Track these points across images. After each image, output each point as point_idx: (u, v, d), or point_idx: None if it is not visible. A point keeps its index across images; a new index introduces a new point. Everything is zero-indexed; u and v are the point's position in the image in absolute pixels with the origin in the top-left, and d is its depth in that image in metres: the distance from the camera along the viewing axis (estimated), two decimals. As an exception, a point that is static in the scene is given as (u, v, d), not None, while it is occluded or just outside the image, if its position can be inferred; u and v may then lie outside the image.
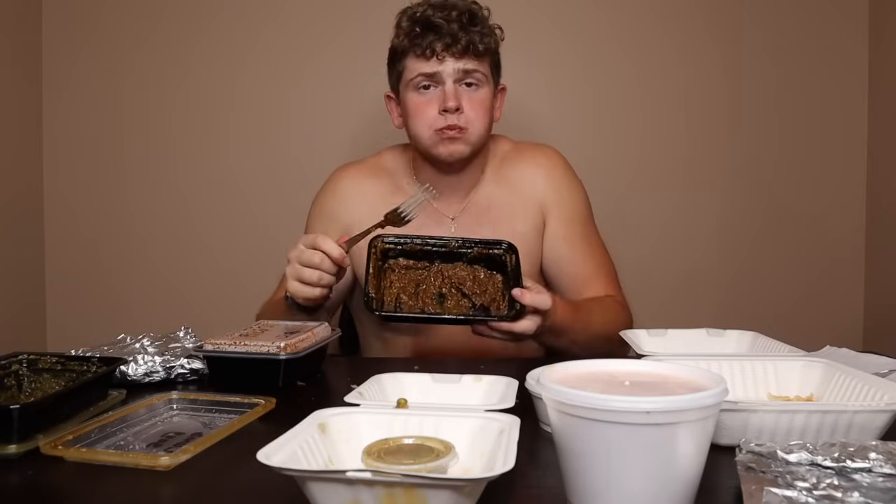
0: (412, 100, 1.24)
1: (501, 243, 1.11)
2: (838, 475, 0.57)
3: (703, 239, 2.01)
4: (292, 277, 1.08)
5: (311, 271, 1.06)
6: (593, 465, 0.53)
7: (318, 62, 2.00)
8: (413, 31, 1.21)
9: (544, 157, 1.38)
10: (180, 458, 0.67)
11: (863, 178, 2.00)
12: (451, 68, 1.21)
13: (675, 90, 1.99)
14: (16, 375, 0.89)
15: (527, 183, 1.34)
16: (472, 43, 1.20)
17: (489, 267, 1.11)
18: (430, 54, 1.20)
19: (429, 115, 1.23)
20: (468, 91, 1.23)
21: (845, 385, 0.77)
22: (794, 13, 1.98)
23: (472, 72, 1.22)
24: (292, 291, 1.10)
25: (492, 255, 1.11)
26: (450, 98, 1.20)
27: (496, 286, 1.09)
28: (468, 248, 1.11)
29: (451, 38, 1.19)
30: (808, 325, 1.96)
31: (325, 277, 1.07)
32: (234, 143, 2.02)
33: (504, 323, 1.01)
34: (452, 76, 1.21)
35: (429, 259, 1.11)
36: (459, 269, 1.11)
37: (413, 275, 1.11)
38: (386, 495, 0.51)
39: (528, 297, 1.01)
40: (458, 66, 1.21)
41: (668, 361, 0.65)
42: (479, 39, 1.21)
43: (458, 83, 1.22)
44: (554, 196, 1.34)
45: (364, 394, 0.77)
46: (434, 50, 1.19)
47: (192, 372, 1.01)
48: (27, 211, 1.98)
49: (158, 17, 2.01)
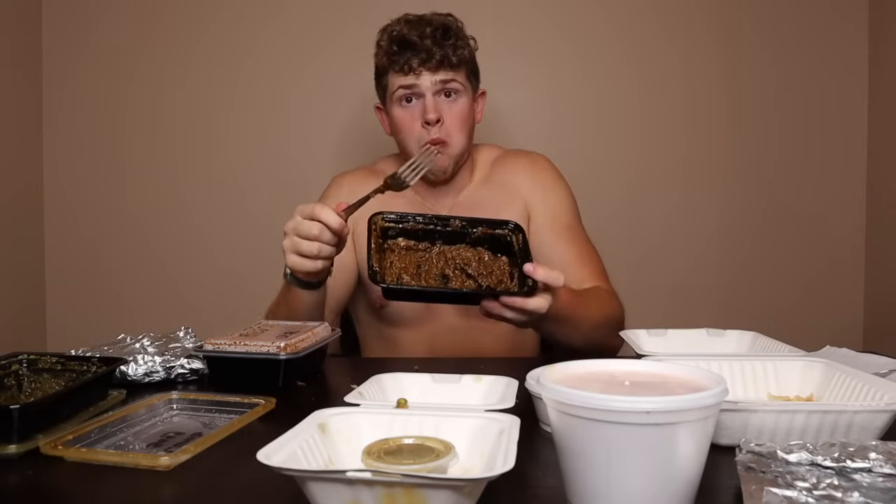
0: (397, 114, 1.31)
1: (508, 223, 1.06)
2: (838, 475, 0.57)
3: (702, 239, 2.01)
4: (290, 251, 1.03)
5: (310, 243, 1.01)
6: (593, 465, 0.53)
7: (318, 63, 2.00)
8: (391, 50, 1.28)
9: (530, 161, 1.43)
10: (180, 458, 0.67)
11: (863, 178, 2.00)
12: (428, 81, 1.27)
13: (674, 90, 1.99)
14: (16, 375, 0.89)
15: (512, 183, 1.39)
16: (445, 56, 1.26)
17: (493, 250, 1.06)
18: (407, 70, 1.27)
19: (413, 129, 1.29)
20: (447, 102, 1.29)
21: (845, 385, 0.76)
22: (794, 14, 1.98)
23: (448, 82, 1.28)
24: (291, 265, 1.05)
25: (496, 236, 1.06)
26: (430, 110, 1.26)
27: (502, 268, 1.04)
28: (473, 229, 1.06)
29: (426, 53, 1.26)
30: (808, 325, 1.97)
31: (325, 249, 1.02)
32: (233, 143, 2.02)
33: (517, 298, 0.96)
34: (431, 89, 1.27)
35: (430, 240, 1.06)
36: (463, 251, 1.06)
37: (414, 256, 1.05)
38: (386, 495, 0.51)
39: (542, 273, 0.96)
40: (434, 78, 1.27)
41: (668, 361, 0.65)
42: (452, 52, 1.27)
43: (437, 95, 1.28)
44: (539, 194, 1.38)
45: (364, 394, 0.77)
46: (411, 66, 1.26)
47: (192, 372, 1.01)
48: (27, 211, 1.98)
49: (158, 18, 2.01)
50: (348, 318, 1.51)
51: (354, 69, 1.98)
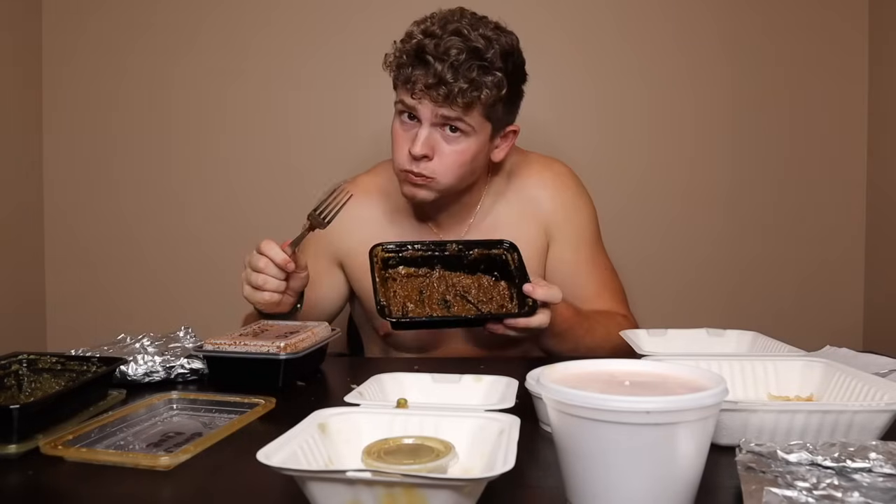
0: (395, 125, 1.16)
1: (503, 243, 1.10)
2: (838, 475, 0.57)
3: (704, 239, 2.01)
4: (244, 281, 1.08)
5: (257, 275, 1.06)
6: (593, 466, 0.53)
7: (315, 64, 2.00)
8: (402, 60, 1.10)
9: (552, 175, 1.30)
10: (180, 458, 0.67)
11: (863, 178, 2.00)
12: (428, 111, 1.10)
13: (679, 92, 1.99)
14: (16, 375, 0.89)
15: (532, 203, 1.28)
16: (453, 93, 1.06)
17: (491, 271, 1.09)
18: (410, 88, 1.10)
19: (402, 150, 1.13)
20: (447, 137, 1.12)
21: (845, 385, 0.76)
22: (795, 15, 1.98)
23: (453, 119, 1.10)
24: (245, 295, 1.10)
25: (492, 256, 1.09)
26: (418, 145, 1.10)
27: (502, 293, 1.08)
28: (469, 251, 1.10)
29: (434, 78, 1.06)
30: (808, 325, 1.97)
31: (271, 282, 1.06)
32: (232, 145, 2.02)
33: (521, 319, 1.00)
34: (430, 119, 1.10)
35: (429, 265, 1.10)
36: (463, 278, 1.09)
37: (415, 282, 1.09)
38: (386, 495, 0.51)
39: (541, 292, 1.00)
40: (436, 111, 1.09)
41: (668, 361, 0.65)
42: (468, 90, 1.06)
43: (436, 127, 1.11)
44: (560, 217, 1.28)
45: (364, 394, 0.77)
46: (415, 85, 1.09)
47: (192, 372, 1.01)
48: (27, 211, 1.98)
49: (158, 19, 2.01)
50: (352, 323, 1.51)
51: (352, 71, 1.99)
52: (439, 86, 1.06)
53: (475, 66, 1.07)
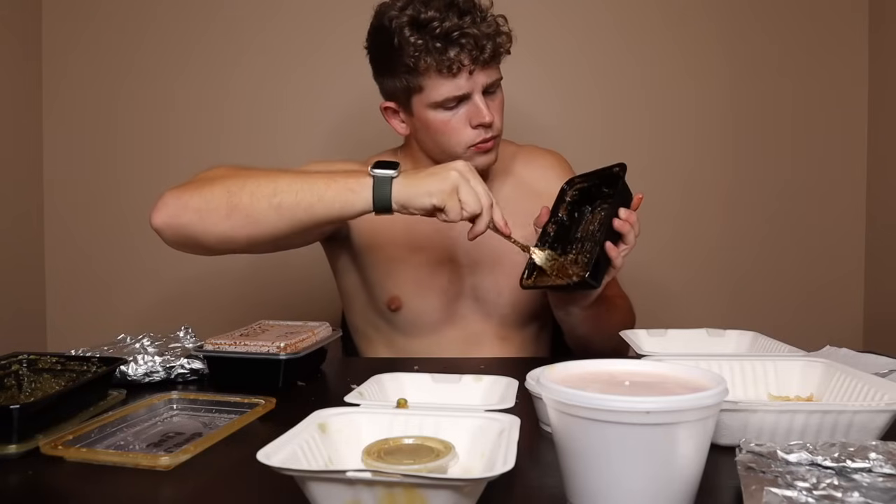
0: (437, 118, 1.15)
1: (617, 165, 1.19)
2: (838, 475, 0.57)
3: (704, 239, 2.01)
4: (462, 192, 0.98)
5: (477, 201, 0.99)
6: (593, 465, 0.53)
7: (314, 61, 2.00)
8: (432, 46, 1.08)
9: (553, 159, 1.38)
10: (180, 458, 0.67)
11: (863, 179, 2.00)
12: (480, 83, 1.12)
13: (679, 92, 1.99)
14: (16, 375, 0.89)
15: (540, 183, 1.32)
16: (496, 49, 1.11)
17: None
18: (456, 70, 1.09)
19: (463, 132, 1.15)
20: (490, 97, 1.16)
21: (845, 385, 0.76)
22: (795, 15, 1.97)
23: (497, 81, 1.16)
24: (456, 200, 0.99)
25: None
26: (485, 115, 1.12)
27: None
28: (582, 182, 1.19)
29: (476, 49, 1.09)
30: (808, 325, 1.97)
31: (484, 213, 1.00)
32: (233, 143, 2.02)
33: (630, 212, 1.13)
34: (480, 88, 1.13)
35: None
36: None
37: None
38: (386, 495, 0.51)
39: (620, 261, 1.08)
40: (486, 80, 1.13)
41: (668, 361, 0.65)
42: (501, 42, 1.12)
43: (482, 93, 1.15)
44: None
45: (364, 394, 0.77)
46: (462, 64, 1.09)
47: (192, 372, 1.01)
48: (27, 210, 1.98)
49: (158, 19, 2.01)
50: (345, 328, 1.50)
51: (351, 67, 1.97)
52: (483, 51, 1.09)
53: (489, 18, 1.12)
